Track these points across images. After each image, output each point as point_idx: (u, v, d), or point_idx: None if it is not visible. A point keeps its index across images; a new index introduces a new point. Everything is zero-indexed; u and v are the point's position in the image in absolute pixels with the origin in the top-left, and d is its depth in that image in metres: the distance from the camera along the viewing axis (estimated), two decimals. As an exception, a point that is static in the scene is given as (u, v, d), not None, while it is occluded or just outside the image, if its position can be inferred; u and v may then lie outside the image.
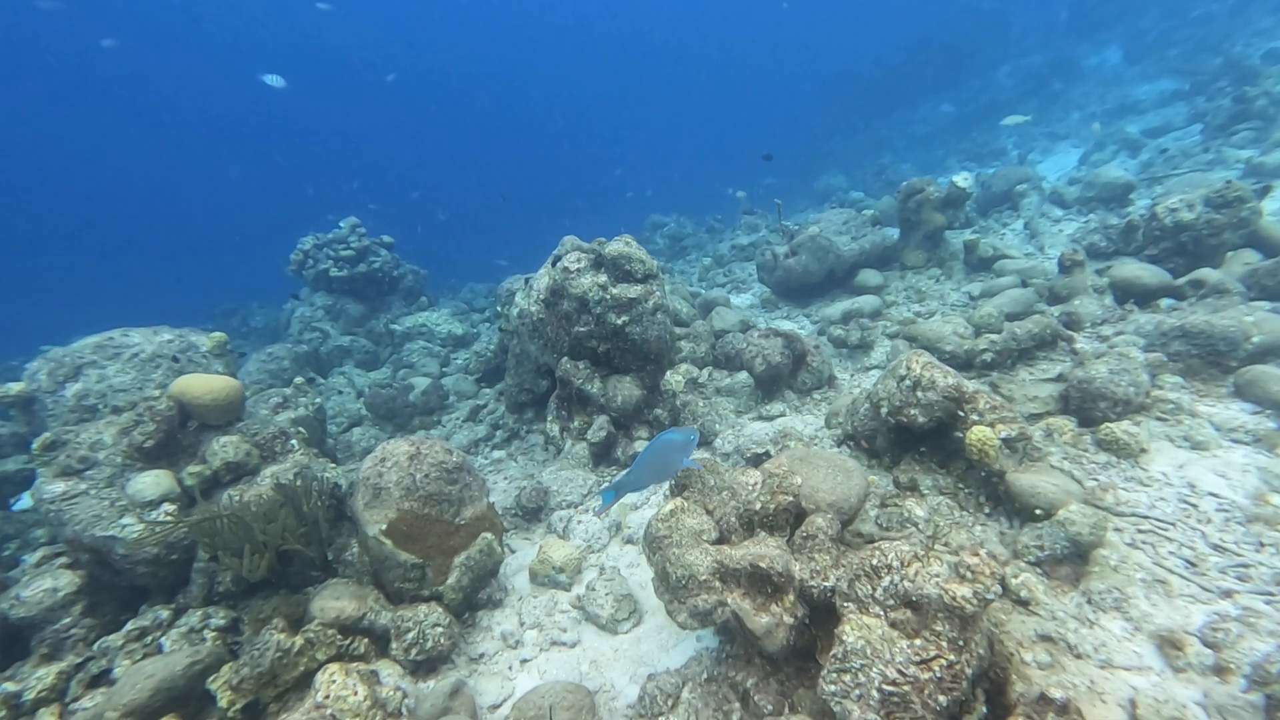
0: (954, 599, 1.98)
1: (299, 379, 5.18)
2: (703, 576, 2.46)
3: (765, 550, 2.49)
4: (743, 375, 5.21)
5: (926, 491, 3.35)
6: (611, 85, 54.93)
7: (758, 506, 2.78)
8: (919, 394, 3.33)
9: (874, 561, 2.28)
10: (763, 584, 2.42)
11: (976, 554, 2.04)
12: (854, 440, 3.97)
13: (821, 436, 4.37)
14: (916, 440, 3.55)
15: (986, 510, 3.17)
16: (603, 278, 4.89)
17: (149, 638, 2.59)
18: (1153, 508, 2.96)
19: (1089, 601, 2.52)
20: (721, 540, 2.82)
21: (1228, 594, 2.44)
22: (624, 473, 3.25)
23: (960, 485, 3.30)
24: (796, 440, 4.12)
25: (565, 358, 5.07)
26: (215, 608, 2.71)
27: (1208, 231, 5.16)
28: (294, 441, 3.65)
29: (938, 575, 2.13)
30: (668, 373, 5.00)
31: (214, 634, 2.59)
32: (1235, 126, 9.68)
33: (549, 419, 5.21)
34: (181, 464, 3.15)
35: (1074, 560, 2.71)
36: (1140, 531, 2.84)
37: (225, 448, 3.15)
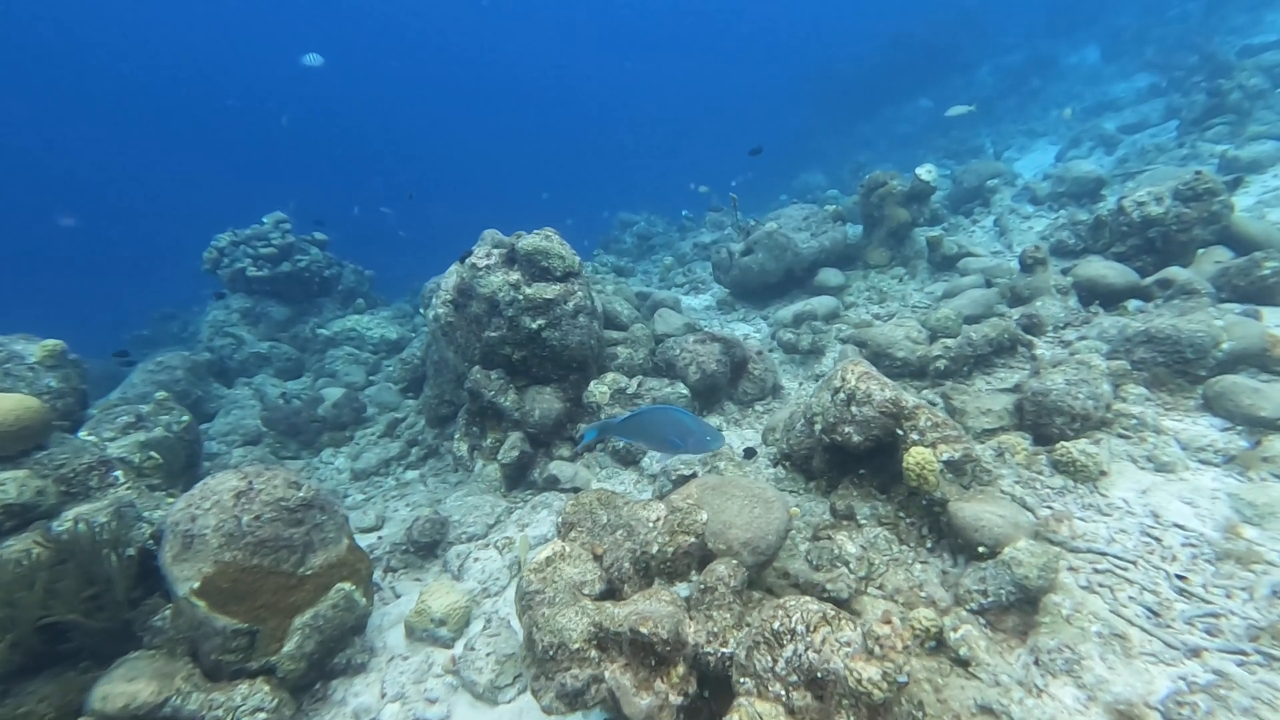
0: (859, 682, 1.62)
1: (160, 394, 4.62)
2: (575, 644, 2.06)
3: (652, 609, 2.10)
4: (681, 385, 4.85)
5: (864, 521, 3.02)
6: (587, 83, 54.30)
7: (654, 549, 2.40)
8: (854, 409, 3.00)
9: (776, 625, 1.91)
10: (646, 653, 2.04)
11: (889, 621, 1.68)
12: (790, 460, 3.63)
13: (759, 451, 4.02)
14: (855, 461, 3.22)
15: (929, 544, 2.85)
16: (515, 276, 4.47)
17: None
18: (1112, 542, 2.68)
19: (1037, 662, 2.20)
20: (611, 592, 2.43)
21: (1195, 653, 2.15)
22: (618, 415, 2.93)
23: (901, 514, 2.98)
24: (728, 460, 3.76)
25: (476, 366, 4.63)
26: (-41, 699, 2.19)
27: (1177, 227, 5.00)
28: (119, 473, 3.13)
29: (848, 645, 1.78)
30: (592, 383, 4.61)
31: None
32: (1209, 121, 9.75)
33: (456, 436, 4.75)
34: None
35: (1022, 608, 2.40)
36: (1097, 571, 2.55)
37: (2, 486, 2.63)
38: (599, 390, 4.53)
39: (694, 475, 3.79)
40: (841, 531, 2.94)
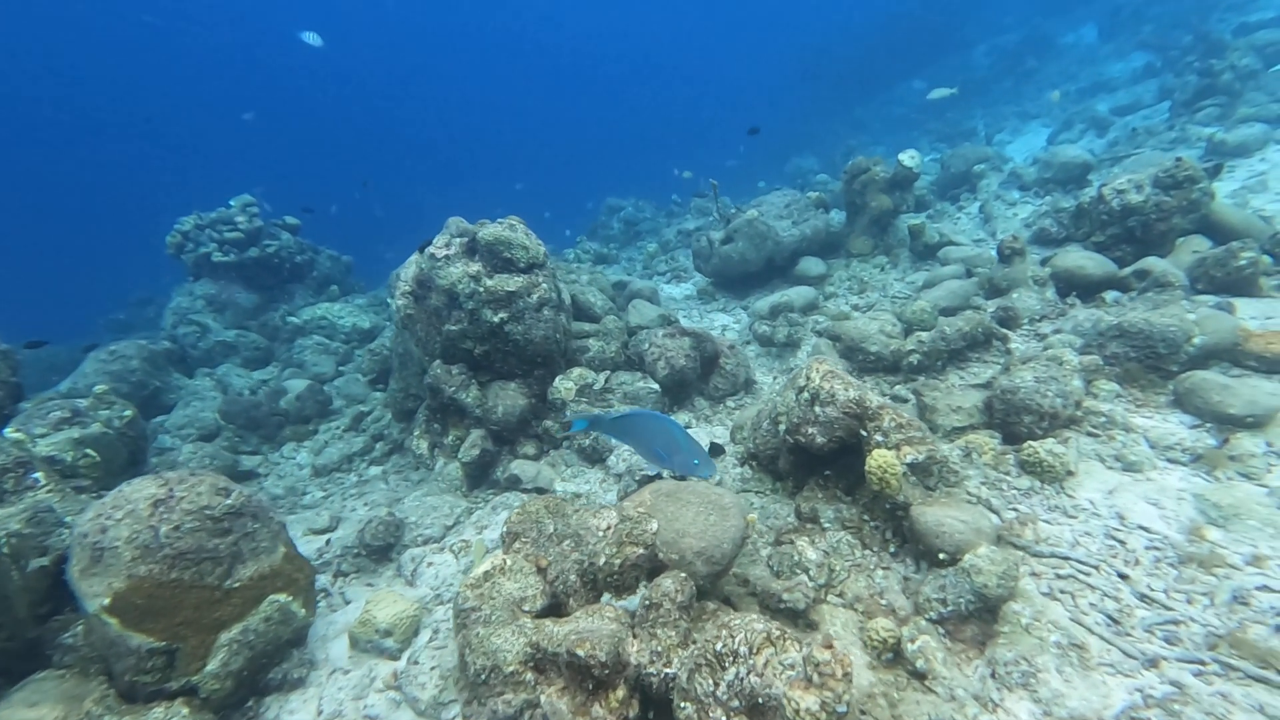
0: (797, 713, 1.54)
1: (100, 387, 4.42)
2: (510, 667, 1.97)
3: (593, 628, 2.01)
4: (653, 379, 4.74)
5: (828, 525, 2.95)
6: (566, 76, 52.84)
7: (601, 561, 2.30)
8: (817, 409, 2.91)
9: (719, 646, 1.83)
10: (584, 676, 1.95)
11: (830, 646, 1.60)
12: (757, 459, 3.55)
13: (727, 450, 3.94)
14: (821, 462, 3.14)
15: (892, 549, 2.79)
16: (475, 267, 4.30)
17: None
18: (1075, 545, 2.63)
19: (994, 675, 2.15)
20: (555, 607, 2.34)
21: (1153, 663, 2.11)
22: (613, 412, 2.89)
23: (866, 517, 2.92)
24: (693, 460, 3.67)
25: (437, 361, 4.48)
26: None
27: (1156, 215, 4.95)
28: (38, 475, 2.96)
29: (791, 669, 1.70)
30: (557, 378, 4.48)
31: None
32: (1200, 103, 9.64)
33: (416, 433, 4.62)
34: None
35: (981, 617, 2.35)
36: (1059, 577, 2.50)
37: (-98, 496, 2.46)
38: (564, 386, 4.41)
39: (658, 476, 3.70)
40: (804, 536, 2.87)
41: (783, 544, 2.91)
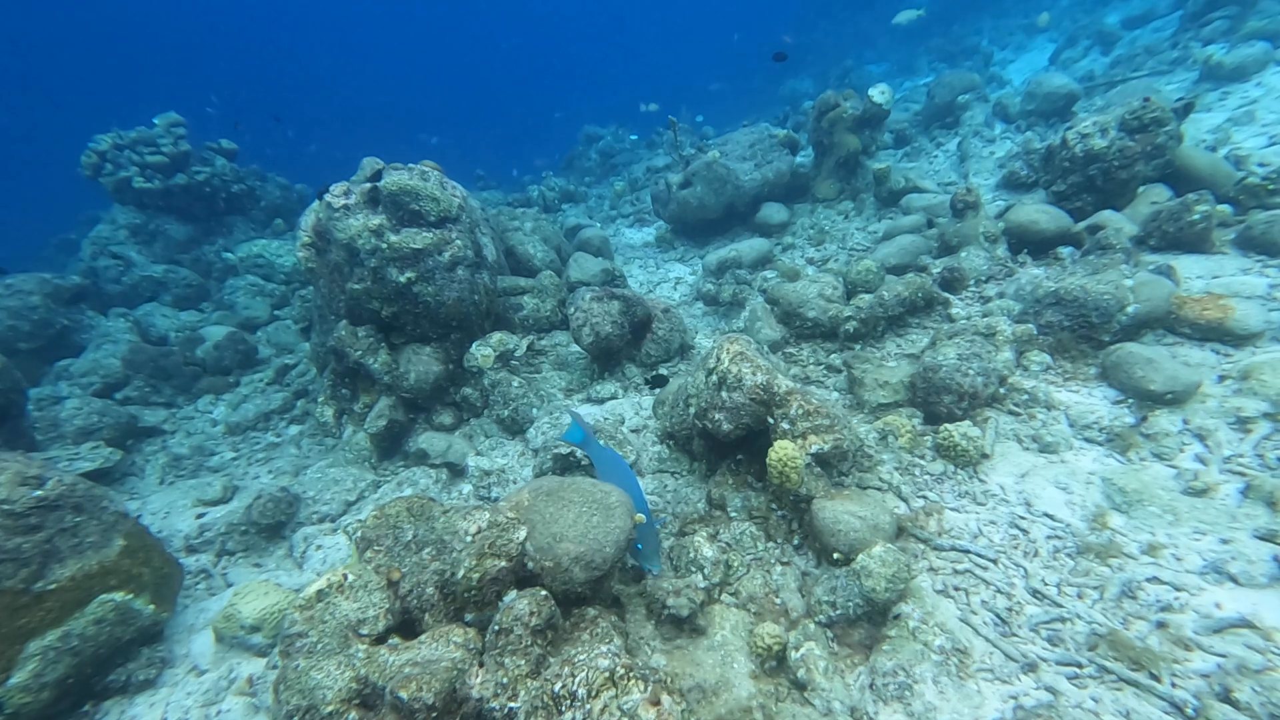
0: (617, 776, 1.37)
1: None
2: (329, 707, 1.78)
3: (432, 657, 1.83)
4: (581, 341, 4.43)
5: (734, 514, 2.79)
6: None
7: (460, 575, 2.09)
8: (724, 394, 2.66)
9: (558, 687, 1.66)
10: (413, 717, 1.77)
11: (658, 702, 1.43)
12: (674, 439, 3.34)
13: (649, 426, 3.72)
14: (732, 446, 2.93)
15: (796, 540, 2.65)
16: (377, 220, 3.82)
17: None
18: (978, 537, 2.51)
19: (872, 685, 2.05)
20: (408, 624, 2.14)
21: (1031, 668, 2.02)
22: (605, 446, 3.03)
23: (773, 506, 2.75)
24: (607, 439, 3.44)
25: (343, 322, 4.09)
26: None
27: (1119, 162, 4.59)
28: None
29: (629, 713, 1.53)
30: (474, 345, 4.13)
31: None
32: (1209, 15, 8.87)
33: (321, 399, 4.29)
34: None
35: (871, 619, 2.24)
36: (957, 572, 2.39)
37: None
38: (481, 353, 4.08)
39: (571, 453, 3.48)
40: (706, 528, 2.70)
41: (686, 535, 2.74)
